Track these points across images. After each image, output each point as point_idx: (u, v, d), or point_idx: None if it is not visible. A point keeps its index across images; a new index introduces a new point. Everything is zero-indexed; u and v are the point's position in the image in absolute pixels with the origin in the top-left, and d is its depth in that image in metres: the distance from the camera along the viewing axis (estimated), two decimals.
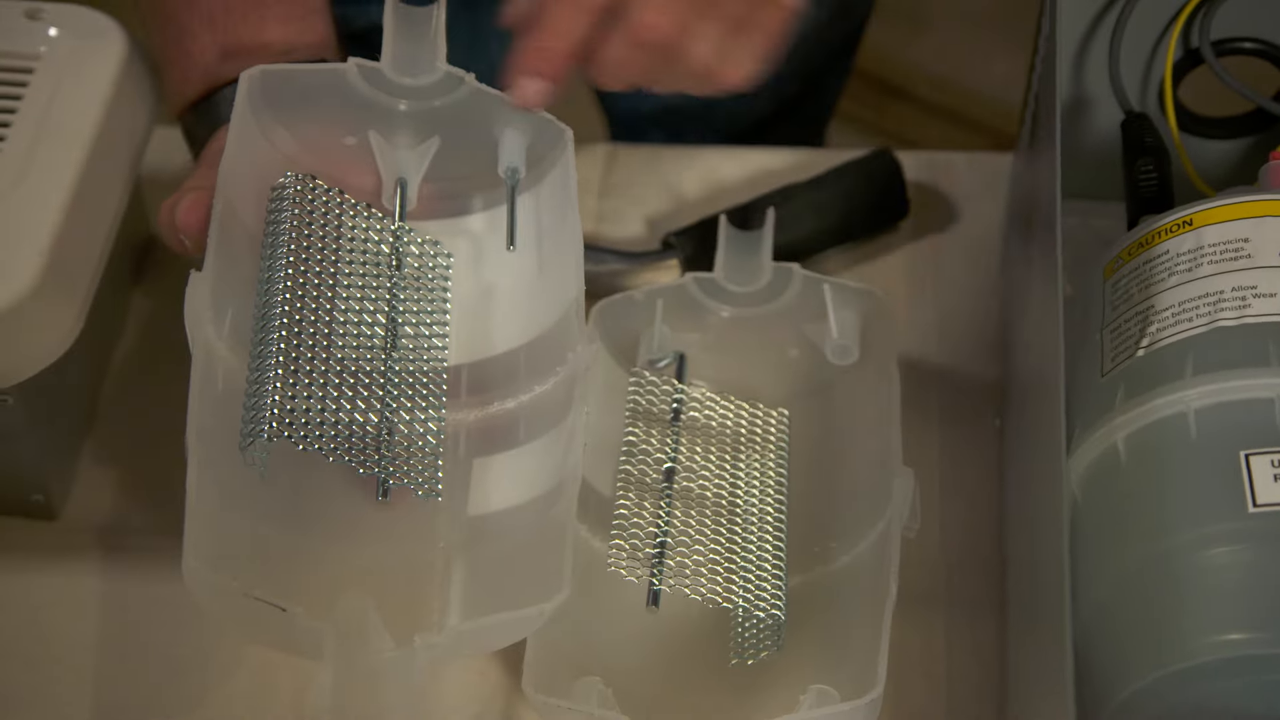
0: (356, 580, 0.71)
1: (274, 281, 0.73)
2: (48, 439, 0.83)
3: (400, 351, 0.75)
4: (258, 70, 0.77)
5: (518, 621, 0.70)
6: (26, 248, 0.77)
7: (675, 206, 0.96)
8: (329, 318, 0.73)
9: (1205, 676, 0.64)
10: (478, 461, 0.76)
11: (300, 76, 0.78)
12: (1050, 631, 0.63)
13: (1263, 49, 0.85)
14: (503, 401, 0.77)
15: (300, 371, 0.71)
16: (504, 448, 0.76)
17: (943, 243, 0.95)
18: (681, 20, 0.73)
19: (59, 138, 0.82)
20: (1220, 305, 0.71)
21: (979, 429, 0.87)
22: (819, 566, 0.79)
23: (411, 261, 0.77)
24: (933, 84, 1.93)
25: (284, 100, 0.77)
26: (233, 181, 0.75)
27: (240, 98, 0.76)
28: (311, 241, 0.74)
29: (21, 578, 0.82)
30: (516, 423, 0.77)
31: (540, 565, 0.71)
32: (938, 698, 0.78)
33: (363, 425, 0.71)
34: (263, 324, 0.72)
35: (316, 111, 0.78)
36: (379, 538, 0.74)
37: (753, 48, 0.76)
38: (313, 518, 0.73)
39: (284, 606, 0.67)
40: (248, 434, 0.69)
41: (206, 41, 0.82)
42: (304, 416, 0.70)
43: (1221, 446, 0.67)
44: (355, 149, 0.79)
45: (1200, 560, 0.65)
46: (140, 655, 0.80)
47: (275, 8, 0.83)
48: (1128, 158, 0.82)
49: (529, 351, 0.78)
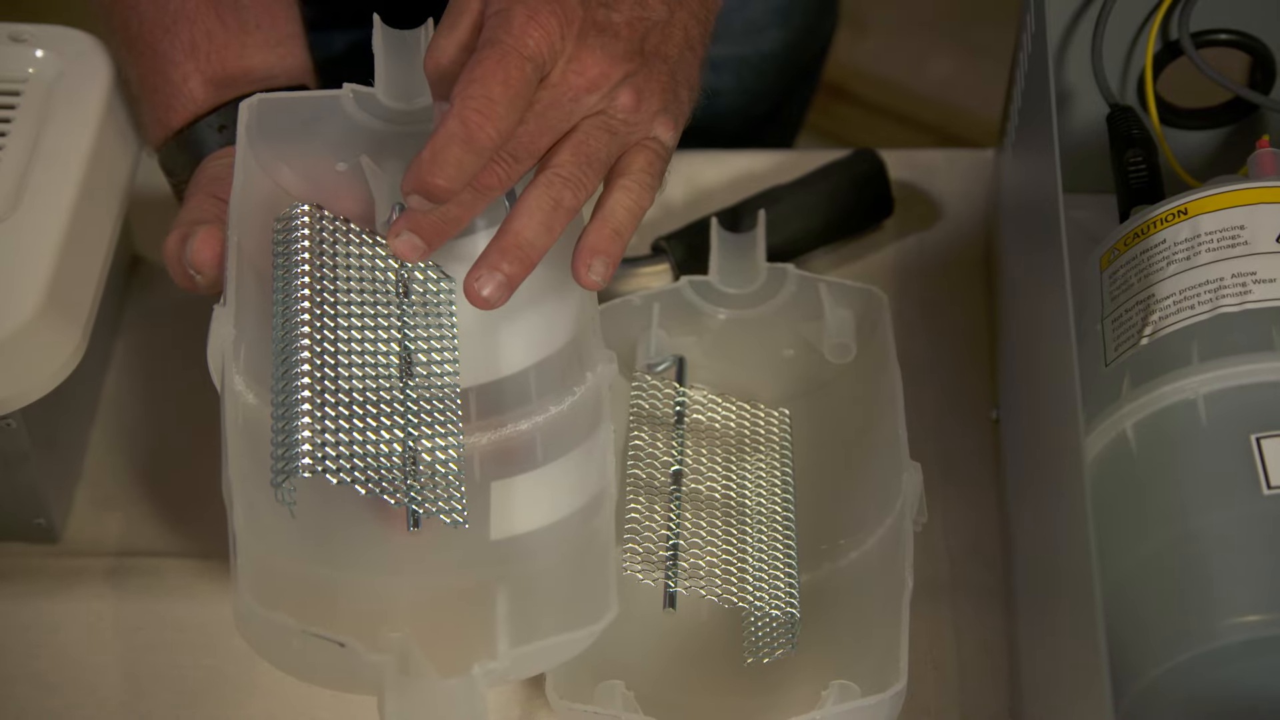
0: (397, 613, 0.71)
1: (293, 314, 0.72)
2: (49, 462, 0.83)
3: (416, 379, 0.74)
4: (256, 99, 0.77)
5: (569, 643, 0.69)
6: (27, 274, 0.77)
7: (661, 211, 0.97)
8: (348, 348, 0.72)
9: (1227, 659, 0.65)
10: (499, 484, 0.76)
11: (296, 104, 0.78)
12: (1076, 618, 0.64)
13: (1238, 40, 0.87)
14: (516, 424, 0.77)
15: (327, 404, 0.70)
16: (522, 469, 0.76)
17: (926, 239, 0.96)
18: None
19: (52, 161, 0.81)
20: (1221, 292, 0.72)
21: (975, 421, 0.88)
22: (827, 563, 0.80)
23: (417, 288, 0.77)
24: (874, 85, 1.95)
25: (280, 127, 0.77)
26: (243, 213, 0.74)
27: (241, 127, 0.76)
28: (324, 272, 0.74)
29: (29, 602, 0.82)
30: (534, 443, 0.77)
31: (584, 584, 0.71)
32: (949, 687, 0.79)
33: (389, 455, 0.71)
34: (284, 357, 0.71)
35: (310, 138, 0.78)
36: (412, 569, 0.73)
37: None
38: (343, 553, 0.73)
39: (342, 642, 0.66)
40: (281, 470, 0.69)
41: (189, 69, 0.82)
42: (335, 449, 0.69)
43: (1232, 431, 0.68)
44: (345, 175, 0.79)
45: (1218, 543, 0.67)
46: (153, 679, 0.80)
47: (256, 34, 0.83)
48: (1115, 150, 0.83)
49: (539, 372, 0.78)
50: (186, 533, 0.85)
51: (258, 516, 0.69)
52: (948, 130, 1.91)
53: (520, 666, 0.70)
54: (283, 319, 0.72)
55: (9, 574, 0.83)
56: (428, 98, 0.77)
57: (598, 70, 0.72)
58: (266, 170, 0.77)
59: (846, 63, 1.89)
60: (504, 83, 0.69)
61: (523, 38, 0.70)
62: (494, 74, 0.69)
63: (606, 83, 0.72)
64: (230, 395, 0.71)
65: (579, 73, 0.71)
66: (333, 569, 0.72)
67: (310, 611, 0.67)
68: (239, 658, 0.80)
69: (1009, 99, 0.91)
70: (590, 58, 0.71)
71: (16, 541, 0.84)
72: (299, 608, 0.66)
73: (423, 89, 0.77)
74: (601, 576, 0.71)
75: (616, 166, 0.74)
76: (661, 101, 0.74)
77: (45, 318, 0.77)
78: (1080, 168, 0.88)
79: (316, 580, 0.71)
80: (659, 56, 0.74)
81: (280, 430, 0.70)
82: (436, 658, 0.68)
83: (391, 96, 0.78)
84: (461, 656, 0.68)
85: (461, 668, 0.68)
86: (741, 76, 1.13)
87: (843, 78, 1.91)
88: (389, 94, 0.78)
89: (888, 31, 1.98)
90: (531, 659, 0.70)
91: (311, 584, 0.71)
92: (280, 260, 0.74)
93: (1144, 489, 0.70)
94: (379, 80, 0.78)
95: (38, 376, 0.77)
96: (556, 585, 0.72)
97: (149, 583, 0.83)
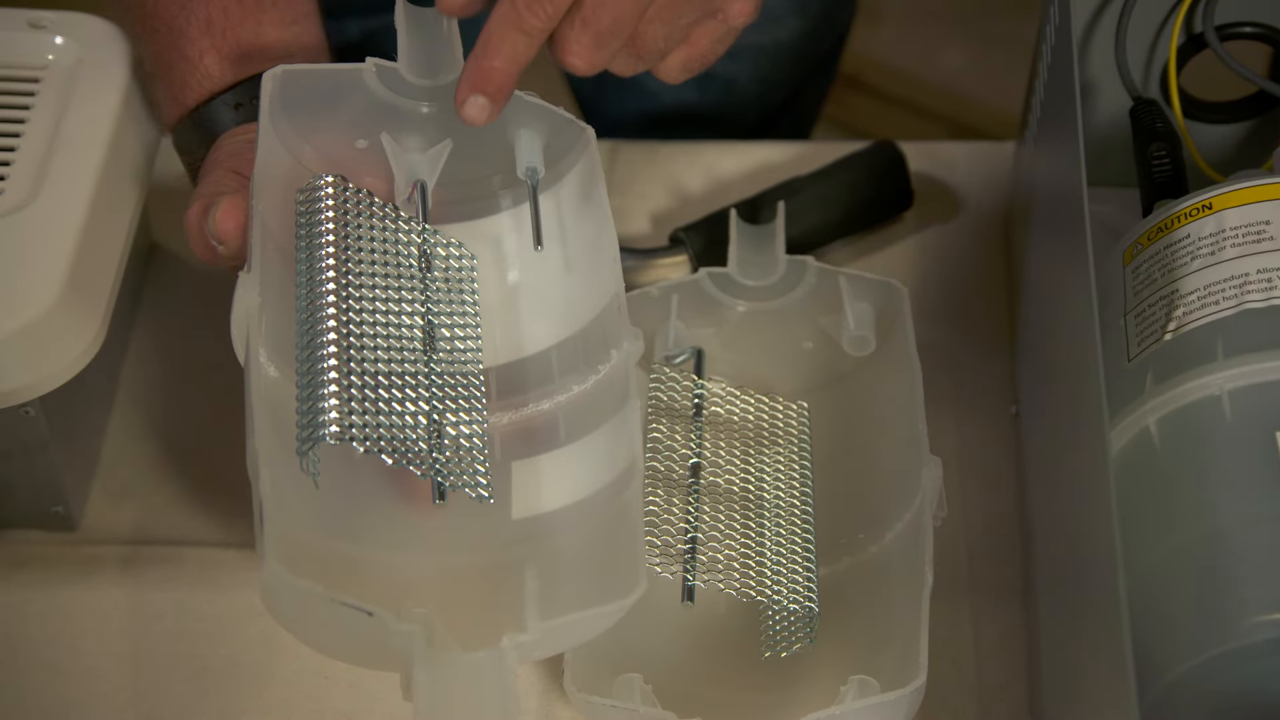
0: (421, 589, 0.71)
1: (319, 284, 0.72)
2: (68, 450, 0.82)
3: (440, 354, 0.74)
4: (280, 70, 0.76)
5: (598, 617, 0.69)
6: (48, 261, 0.77)
7: (679, 202, 0.96)
8: (374, 320, 0.72)
9: (1252, 657, 0.65)
10: (521, 464, 0.75)
11: (319, 77, 0.77)
12: (1099, 615, 0.64)
13: (1263, 33, 0.86)
14: (538, 403, 0.77)
15: (354, 374, 0.70)
16: (544, 449, 0.76)
17: (946, 232, 0.95)
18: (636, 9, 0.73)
19: (73, 148, 0.81)
20: (1246, 287, 0.72)
21: (994, 415, 0.87)
22: (846, 557, 0.80)
23: (439, 264, 0.77)
24: (887, 75, 1.94)
25: (302, 101, 0.77)
26: (265, 185, 0.74)
27: (265, 98, 0.76)
28: (349, 243, 0.73)
29: (46, 590, 0.82)
30: (556, 423, 0.77)
31: (613, 560, 0.71)
32: (967, 682, 0.79)
33: (414, 428, 0.71)
34: (310, 326, 0.71)
35: (331, 113, 0.78)
36: (435, 546, 0.73)
37: (688, 55, 0.76)
38: (366, 529, 0.72)
39: (370, 610, 0.66)
40: (307, 439, 0.68)
41: (205, 45, 0.81)
42: (361, 419, 0.69)
43: (1257, 427, 0.68)
44: (365, 152, 0.78)
45: (1245, 540, 0.66)
46: (170, 667, 0.80)
47: (271, 11, 0.82)
48: (1139, 144, 0.83)
49: (561, 351, 0.78)
50: (204, 521, 0.85)
51: (281, 490, 0.68)
52: (961, 120, 1.91)
53: (549, 641, 0.69)
54: (307, 289, 0.72)
55: (27, 562, 0.83)
56: (451, 74, 0.77)
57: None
58: (287, 144, 0.77)
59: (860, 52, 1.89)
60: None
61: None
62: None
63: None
64: (255, 365, 0.71)
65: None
66: (356, 544, 0.71)
67: (334, 586, 0.66)
68: (256, 647, 0.80)
69: (1030, 91, 0.90)
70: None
71: (34, 529, 0.84)
72: (323, 581, 0.66)
73: (446, 65, 0.77)
74: (630, 552, 0.70)
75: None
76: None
77: (65, 306, 0.76)
78: (1102, 161, 0.87)
79: (340, 555, 0.71)
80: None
81: (306, 399, 0.69)
82: (462, 634, 0.68)
83: (415, 72, 0.78)
84: (488, 632, 0.68)
85: (489, 642, 0.67)
86: (759, 65, 1.12)
87: (856, 67, 1.91)
88: (412, 70, 0.77)
89: (901, 21, 1.98)
90: (560, 634, 0.69)
91: (335, 558, 0.70)
92: (303, 231, 0.74)
93: (1168, 486, 0.70)
94: (401, 56, 0.77)
95: (57, 364, 0.77)
96: (584, 560, 0.72)
97: (166, 571, 0.83)
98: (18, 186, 0.80)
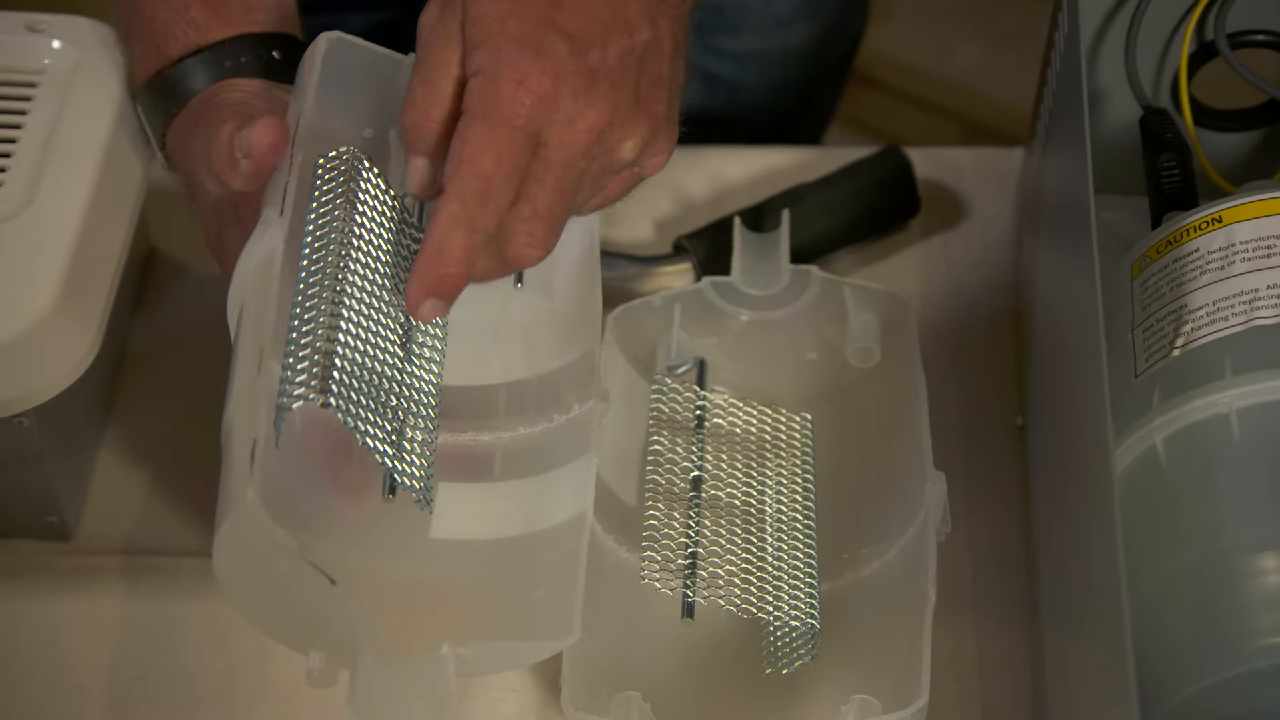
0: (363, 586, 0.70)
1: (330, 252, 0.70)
2: (63, 459, 0.82)
3: (412, 356, 0.73)
4: (335, 36, 0.75)
5: (532, 650, 0.70)
6: (42, 270, 0.76)
7: (683, 208, 0.95)
8: (368, 302, 0.71)
9: (1258, 682, 0.64)
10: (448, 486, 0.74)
11: (362, 54, 0.76)
12: (1103, 635, 0.63)
13: (1275, 41, 0.85)
14: (478, 433, 0.77)
15: (345, 347, 0.69)
16: (474, 478, 0.76)
17: (953, 240, 0.94)
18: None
19: (68, 154, 0.80)
20: (1256, 303, 0.71)
21: (999, 427, 0.86)
22: (849, 572, 0.79)
23: None
24: (898, 71, 1.94)
25: (340, 74, 0.75)
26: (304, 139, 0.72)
27: (316, 57, 0.74)
28: (360, 224, 0.72)
29: (39, 600, 0.81)
30: (492, 458, 0.76)
31: (548, 603, 0.71)
32: (970, 699, 0.78)
33: (382, 415, 0.70)
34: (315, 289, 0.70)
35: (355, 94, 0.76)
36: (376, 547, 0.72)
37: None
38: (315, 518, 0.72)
39: (334, 579, 0.65)
40: (291, 395, 0.67)
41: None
42: (344, 389, 0.68)
43: (1266, 447, 0.67)
44: (369, 142, 0.77)
45: (1249, 563, 0.65)
46: (163, 679, 0.79)
47: None
48: (1148, 154, 0.82)
49: (511, 391, 0.77)
50: (199, 532, 0.84)
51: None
52: (972, 117, 1.90)
53: (490, 659, 0.70)
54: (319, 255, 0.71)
55: (21, 571, 0.82)
56: None
57: (601, 120, 0.69)
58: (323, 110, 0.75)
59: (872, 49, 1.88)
60: (497, 159, 0.67)
61: (514, 108, 0.67)
62: (486, 150, 0.67)
63: (609, 130, 0.69)
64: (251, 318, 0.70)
65: (583, 129, 0.68)
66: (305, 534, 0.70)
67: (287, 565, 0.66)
68: (250, 660, 0.79)
69: (1039, 98, 0.89)
70: (591, 111, 0.68)
71: (29, 539, 0.83)
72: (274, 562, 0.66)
73: None
74: (568, 599, 0.70)
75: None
76: (667, 132, 0.72)
77: (60, 315, 0.76)
78: (1111, 168, 0.86)
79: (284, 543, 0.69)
80: (655, 82, 0.71)
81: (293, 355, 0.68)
82: (400, 639, 0.68)
83: None
84: (426, 640, 0.68)
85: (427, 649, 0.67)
86: (766, 71, 1.11)
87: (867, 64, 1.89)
88: None
89: (913, 18, 1.97)
90: (500, 654, 0.70)
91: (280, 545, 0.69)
92: (326, 197, 0.72)
93: (1174, 504, 0.69)
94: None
95: (51, 375, 0.76)
96: (515, 596, 0.72)
97: (161, 582, 0.82)
98: (13, 191, 0.79)
